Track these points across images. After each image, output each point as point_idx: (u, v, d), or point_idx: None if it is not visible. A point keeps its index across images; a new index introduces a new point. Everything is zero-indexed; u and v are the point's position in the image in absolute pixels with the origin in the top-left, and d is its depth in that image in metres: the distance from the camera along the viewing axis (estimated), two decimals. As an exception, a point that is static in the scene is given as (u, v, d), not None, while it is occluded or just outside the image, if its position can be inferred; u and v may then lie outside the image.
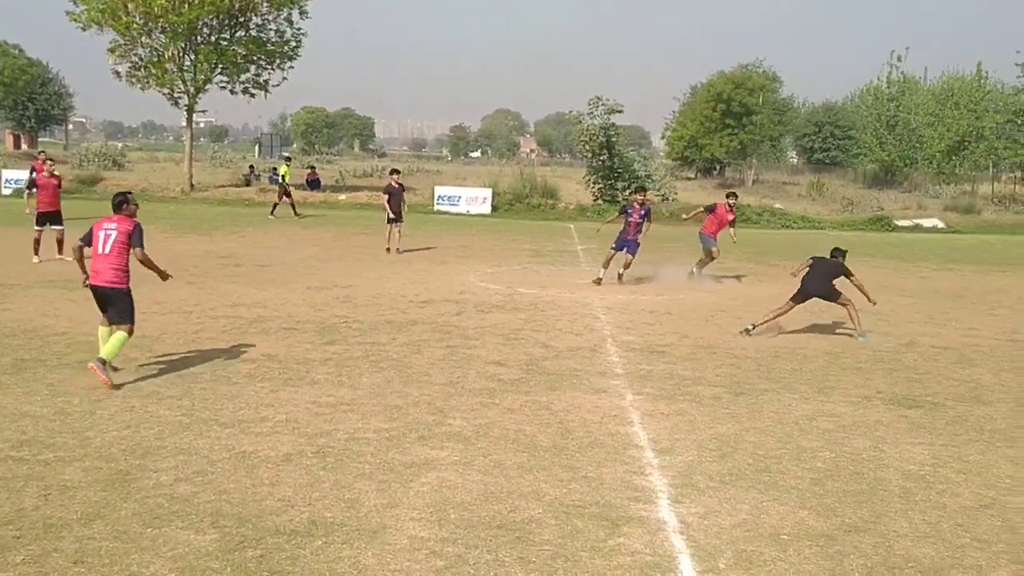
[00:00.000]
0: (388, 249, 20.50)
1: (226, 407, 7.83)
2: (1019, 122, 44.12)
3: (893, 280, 18.80)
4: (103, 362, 8.27)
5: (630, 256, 16.44)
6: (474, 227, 29.00)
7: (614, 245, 16.58)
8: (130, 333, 8.64)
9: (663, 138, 75.51)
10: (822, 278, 11.99)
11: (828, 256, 12.26)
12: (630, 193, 17.84)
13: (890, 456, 7.18)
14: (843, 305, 12.02)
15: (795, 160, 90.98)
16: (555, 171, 65.85)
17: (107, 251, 8.44)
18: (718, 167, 69.60)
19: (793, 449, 7.26)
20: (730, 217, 17.26)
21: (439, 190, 36.40)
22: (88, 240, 8.60)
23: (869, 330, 12.09)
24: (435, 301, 13.94)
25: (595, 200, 36.52)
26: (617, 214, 17.39)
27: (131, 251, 8.50)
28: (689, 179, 64.55)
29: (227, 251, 19.69)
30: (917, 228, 33.87)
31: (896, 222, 34.35)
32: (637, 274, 16.87)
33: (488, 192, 35.91)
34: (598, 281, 16.15)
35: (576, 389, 8.95)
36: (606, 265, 16.44)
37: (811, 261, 12.26)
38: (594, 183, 37.15)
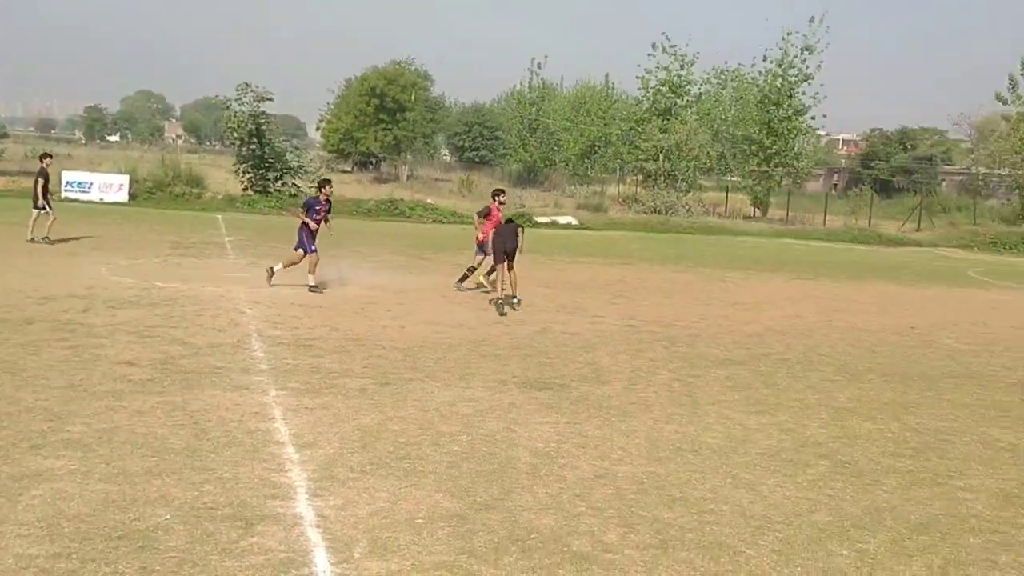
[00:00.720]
0: (32, 239, 18.83)
1: None
2: (639, 129, 49.13)
3: (531, 272, 20.10)
4: None
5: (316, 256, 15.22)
6: (108, 216, 26.75)
7: (315, 247, 15.10)
8: None
9: (318, 129, 74.90)
10: (510, 238, 14.53)
11: (507, 222, 15.23)
12: (319, 188, 15.86)
13: (521, 436, 7.65)
14: (511, 269, 14.52)
15: (448, 158, 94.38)
16: (203, 159, 62.80)
17: None
18: (374, 161, 70.34)
19: (433, 435, 7.49)
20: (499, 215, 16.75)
21: (67, 175, 33.00)
22: None
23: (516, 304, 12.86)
24: (59, 297, 12.66)
25: (245, 190, 35.29)
26: (302, 210, 15.61)
27: None
28: (346, 172, 64.61)
29: None
30: (554, 224, 36.53)
31: (536, 219, 36.78)
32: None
33: (125, 179, 33.24)
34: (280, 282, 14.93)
35: (216, 387, 8.56)
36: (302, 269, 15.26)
37: (496, 228, 15.05)
38: (244, 172, 35.88)
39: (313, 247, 15.07)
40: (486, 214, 16.07)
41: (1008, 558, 5.68)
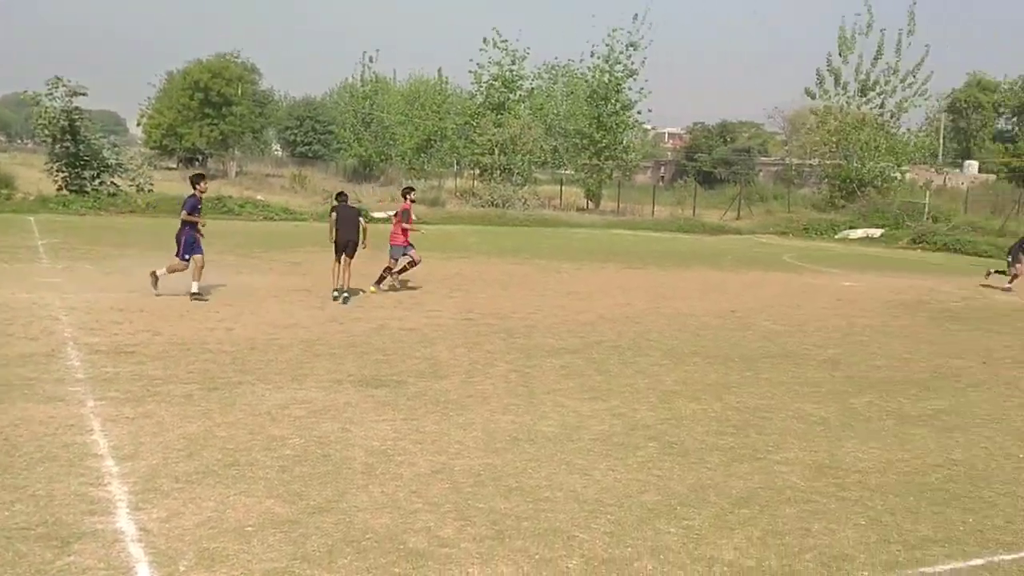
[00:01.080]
0: None
1: None
2: (474, 124, 49.46)
3: (368, 268, 19.89)
4: None
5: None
6: (-97, 220, 24.54)
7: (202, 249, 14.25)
8: None
9: (139, 125, 71.40)
10: (351, 229, 14.65)
11: (348, 206, 15.24)
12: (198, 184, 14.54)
13: (356, 435, 7.54)
14: (349, 263, 14.71)
15: (279, 153, 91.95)
16: (15, 158, 58.91)
17: None
18: (200, 157, 67.72)
19: (264, 439, 7.27)
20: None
21: None
22: None
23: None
24: None
25: (59, 190, 33.16)
26: (196, 213, 14.26)
27: None
28: (171, 169, 61.86)
29: None
30: (389, 220, 36.24)
31: (373, 214, 36.39)
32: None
33: (-80, 180, 30.65)
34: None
35: (28, 400, 8.01)
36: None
37: (335, 215, 14.87)
38: (57, 171, 33.70)
39: (199, 249, 14.23)
40: (402, 215, 16.17)
41: (820, 526, 6.06)
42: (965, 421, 9.03)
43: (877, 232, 39.06)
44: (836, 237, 39.58)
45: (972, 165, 65.80)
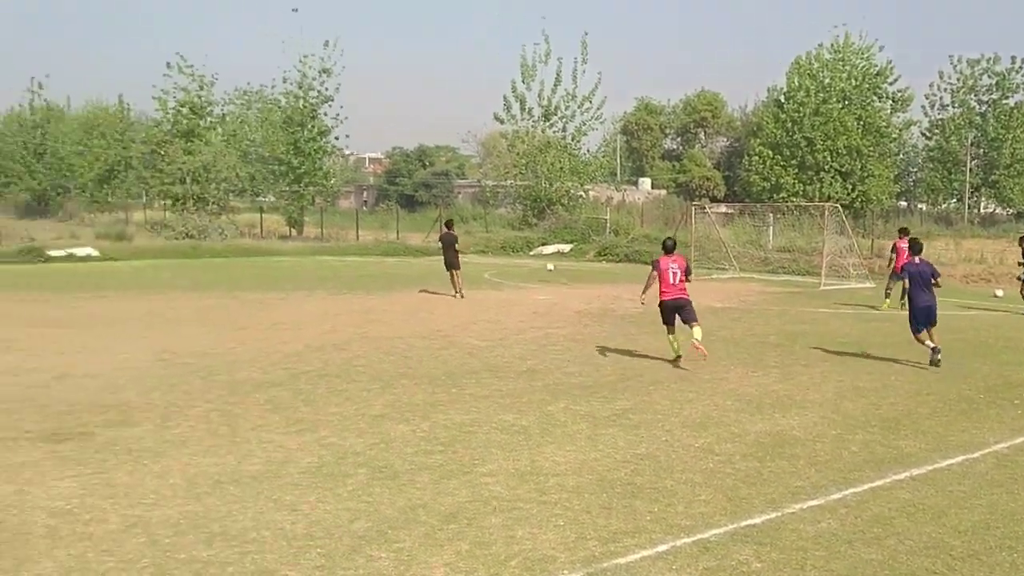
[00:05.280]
0: None
1: None
2: (162, 152, 46.88)
3: (46, 312, 18.21)
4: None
5: None
6: None
7: None
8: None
9: None
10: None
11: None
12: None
13: (37, 496, 6.87)
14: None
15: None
16: None
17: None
18: None
19: (-78, 514, 6.42)
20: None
21: None
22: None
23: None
24: None
25: None
26: None
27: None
28: None
29: None
30: (71, 257, 33.37)
31: (49, 252, 33.34)
32: None
33: None
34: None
35: None
36: None
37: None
38: None
39: None
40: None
41: (524, 531, 6.36)
42: (648, 418, 9.87)
43: (567, 247, 41.72)
44: (531, 253, 41.79)
45: (645, 182, 72.21)
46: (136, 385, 11.14)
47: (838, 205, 32.89)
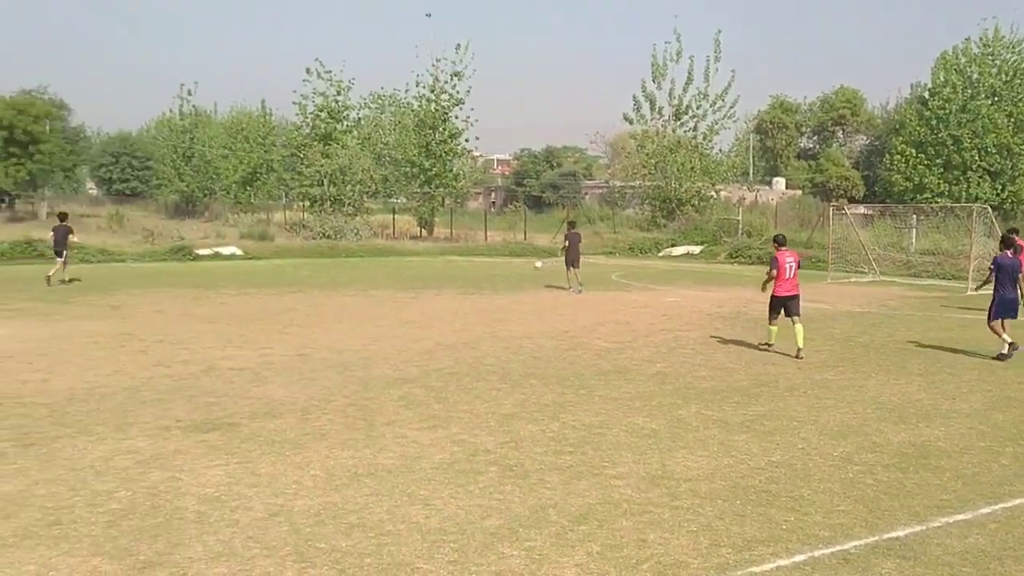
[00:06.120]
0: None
1: None
2: (301, 155, 48.74)
3: (194, 308, 19.18)
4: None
5: None
6: None
7: None
8: None
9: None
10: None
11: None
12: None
13: (188, 483, 7.24)
14: None
15: (95, 191, 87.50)
16: None
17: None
18: (6, 199, 63.48)
19: (87, 495, 6.87)
20: None
21: None
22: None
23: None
24: None
25: None
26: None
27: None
28: (-28, 212, 57.59)
29: None
30: (217, 256, 35.10)
31: (197, 251, 35.15)
32: None
33: None
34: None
35: None
36: None
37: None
38: None
39: None
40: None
41: (655, 535, 6.29)
42: (783, 424, 9.60)
43: (697, 248, 41.07)
44: (660, 255, 41.34)
45: (780, 182, 70.31)
46: (278, 379, 11.61)
47: (987, 206, 31.16)
